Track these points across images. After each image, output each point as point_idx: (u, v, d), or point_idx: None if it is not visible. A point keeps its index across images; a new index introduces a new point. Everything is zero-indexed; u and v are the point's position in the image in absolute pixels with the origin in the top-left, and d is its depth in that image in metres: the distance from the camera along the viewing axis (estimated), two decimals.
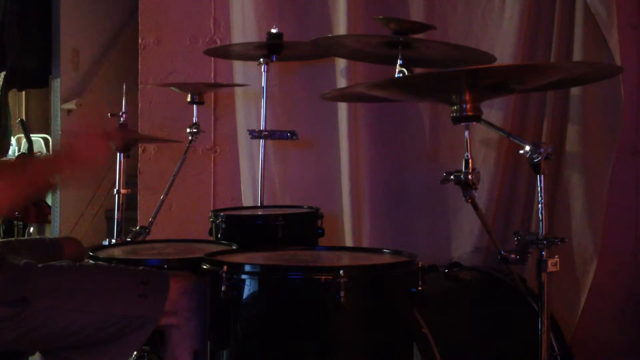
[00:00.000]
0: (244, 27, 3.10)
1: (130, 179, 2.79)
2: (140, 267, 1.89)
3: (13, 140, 5.86)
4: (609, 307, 2.79)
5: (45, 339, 1.71)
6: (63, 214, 4.79)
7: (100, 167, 1.91)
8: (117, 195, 2.65)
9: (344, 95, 2.67)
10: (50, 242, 2.16)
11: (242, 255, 1.90)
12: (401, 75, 2.24)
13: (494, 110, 2.62)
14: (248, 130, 2.90)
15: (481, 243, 2.73)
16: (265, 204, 2.84)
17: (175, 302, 1.74)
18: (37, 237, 4.46)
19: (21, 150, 5.69)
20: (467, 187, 1.83)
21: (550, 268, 1.70)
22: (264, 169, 2.85)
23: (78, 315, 1.69)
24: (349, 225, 2.86)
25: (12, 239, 2.24)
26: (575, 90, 2.66)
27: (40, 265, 1.72)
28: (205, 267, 1.72)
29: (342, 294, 1.56)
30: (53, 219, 4.84)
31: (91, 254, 1.98)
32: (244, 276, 1.63)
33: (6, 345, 1.69)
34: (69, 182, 1.97)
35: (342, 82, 2.91)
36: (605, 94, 2.60)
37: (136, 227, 2.73)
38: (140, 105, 3.33)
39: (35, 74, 4.95)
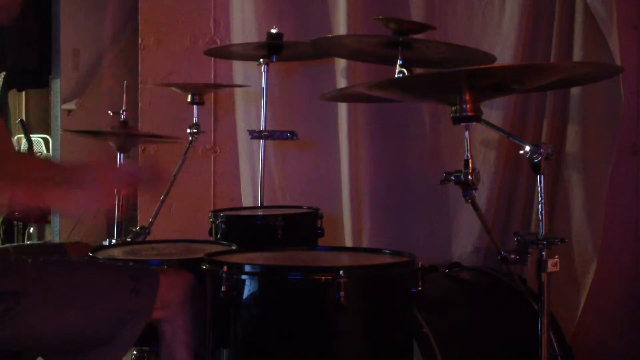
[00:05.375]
0: (244, 27, 3.10)
1: None
2: (130, 263, 1.88)
3: (13, 140, 5.86)
4: (609, 307, 2.79)
5: (38, 339, 1.68)
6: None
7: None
8: (116, 196, 2.65)
9: (344, 96, 2.67)
10: (53, 247, 2.15)
11: (242, 255, 1.90)
12: (401, 75, 2.24)
13: (494, 110, 2.62)
14: (248, 130, 2.90)
15: (481, 243, 2.73)
16: (265, 204, 2.84)
17: (165, 296, 1.74)
18: (40, 242, 4.46)
19: (21, 150, 5.68)
20: (467, 187, 1.83)
21: (550, 268, 1.70)
22: (264, 169, 2.85)
23: (70, 313, 1.67)
24: (349, 226, 2.86)
25: (8, 245, 2.22)
26: (575, 90, 2.66)
27: (30, 260, 1.70)
28: (205, 267, 1.72)
29: (342, 294, 1.55)
30: (53, 219, 4.83)
31: (91, 254, 1.98)
32: (244, 276, 1.63)
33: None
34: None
35: (342, 82, 2.91)
36: (605, 94, 2.59)
37: (136, 227, 2.74)
38: (140, 105, 3.33)
39: (35, 74, 4.95)
